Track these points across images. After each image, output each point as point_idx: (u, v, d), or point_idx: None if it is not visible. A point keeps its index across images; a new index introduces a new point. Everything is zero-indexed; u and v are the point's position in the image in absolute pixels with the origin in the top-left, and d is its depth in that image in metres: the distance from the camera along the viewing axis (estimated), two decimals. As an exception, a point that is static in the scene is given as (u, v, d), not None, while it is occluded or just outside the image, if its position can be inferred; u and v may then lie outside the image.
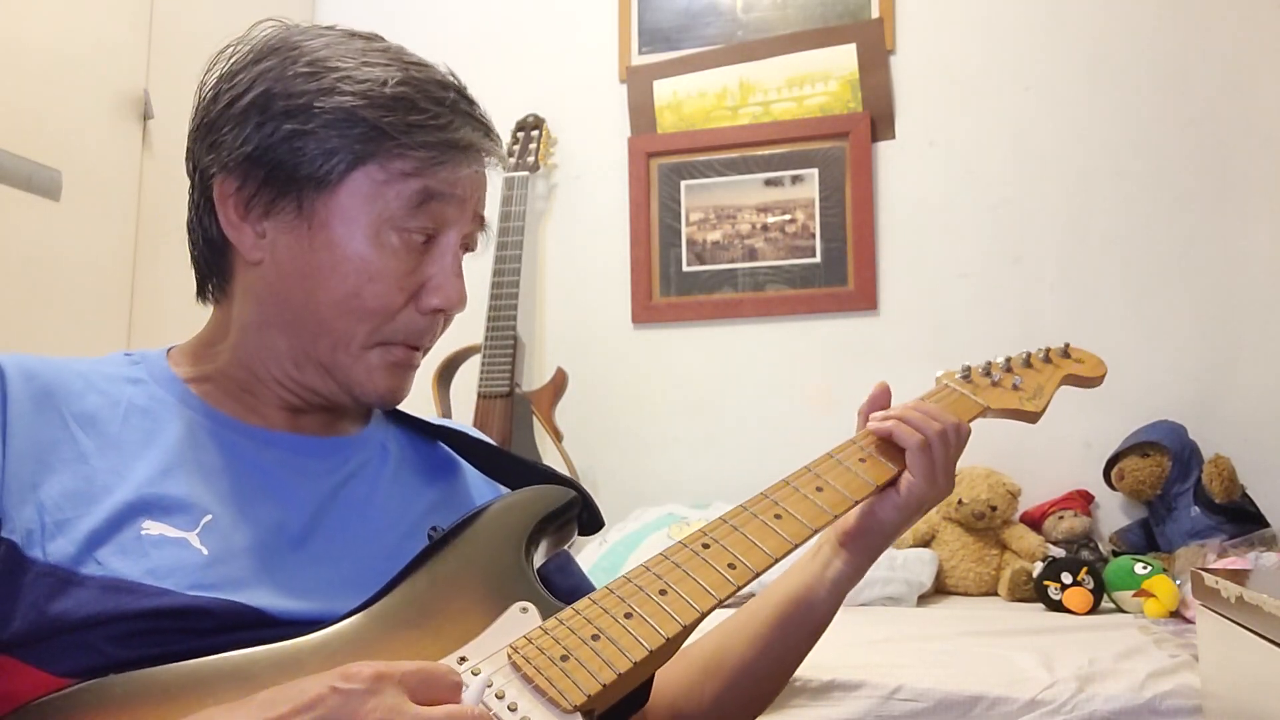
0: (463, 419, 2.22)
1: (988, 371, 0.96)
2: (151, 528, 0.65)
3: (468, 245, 0.81)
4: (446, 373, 2.41)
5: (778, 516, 0.77)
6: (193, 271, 0.80)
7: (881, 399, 0.89)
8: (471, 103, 0.78)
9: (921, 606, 1.87)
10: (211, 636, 0.62)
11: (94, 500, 0.65)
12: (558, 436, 2.28)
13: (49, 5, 1.85)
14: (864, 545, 0.85)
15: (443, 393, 2.40)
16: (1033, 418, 0.94)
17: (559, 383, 2.35)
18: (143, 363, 0.77)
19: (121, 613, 0.61)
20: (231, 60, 0.76)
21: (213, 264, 0.78)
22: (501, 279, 2.31)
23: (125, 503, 0.66)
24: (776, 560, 0.74)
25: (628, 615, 0.66)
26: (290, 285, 0.75)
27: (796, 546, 0.75)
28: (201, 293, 0.81)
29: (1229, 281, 2.12)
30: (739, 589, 0.70)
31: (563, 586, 0.81)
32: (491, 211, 2.72)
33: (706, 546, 0.73)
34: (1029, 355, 0.99)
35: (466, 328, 2.38)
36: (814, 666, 1.28)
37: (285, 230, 0.74)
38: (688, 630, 0.67)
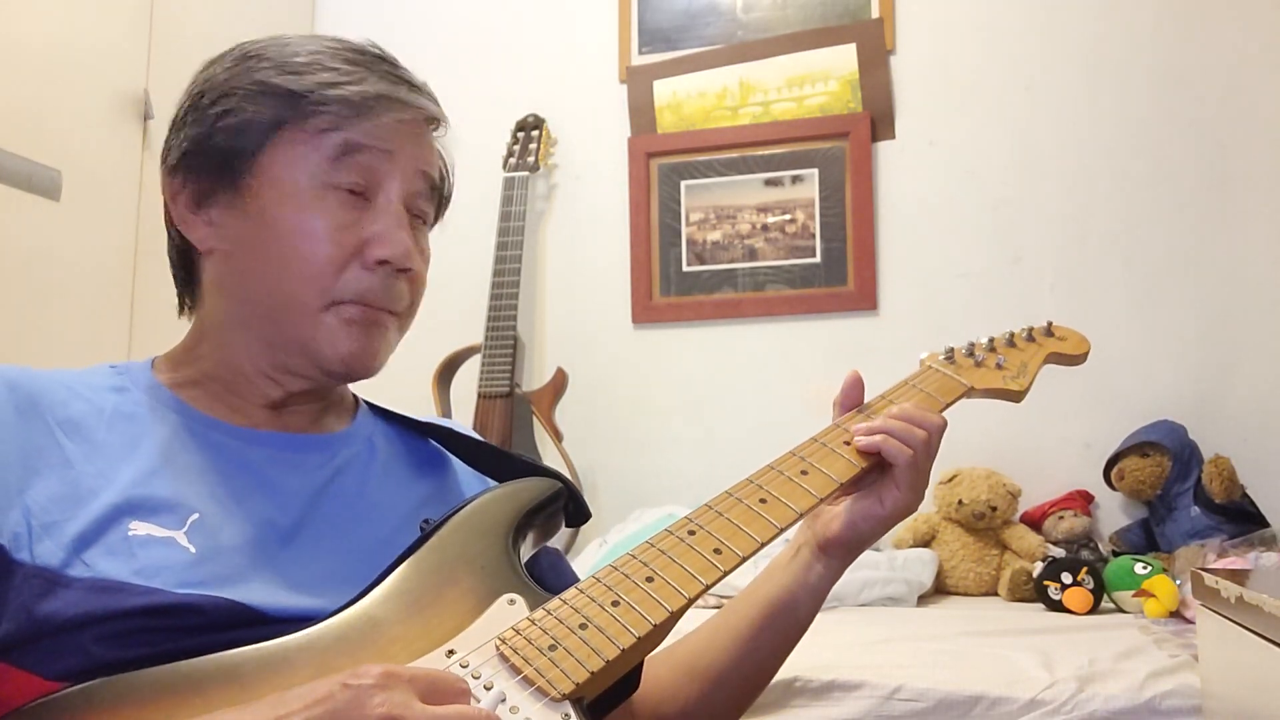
0: (463, 419, 2.22)
1: (971, 352, 0.95)
2: (138, 528, 0.66)
3: (418, 213, 0.80)
4: (446, 373, 2.41)
5: (763, 501, 0.76)
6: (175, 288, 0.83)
7: (854, 392, 0.89)
8: (392, 63, 0.78)
9: (921, 606, 1.87)
10: (202, 634, 0.62)
11: (80, 503, 0.65)
12: (558, 436, 2.28)
13: (49, 5, 1.85)
14: (844, 553, 0.85)
15: (443, 393, 2.40)
16: (1017, 397, 0.93)
17: (559, 383, 2.35)
18: (126, 373, 0.77)
19: (109, 612, 0.61)
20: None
21: (183, 270, 0.81)
22: (501, 279, 2.31)
23: (111, 505, 0.66)
24: (763, 545, 0.73)
25: (615, 603, 0.66)
26: (243, 263, 0.76)
27: (782, 530, 0.75)
28: (181, 307, 0.83)
29: (1229, 281, 2.11)
30: (725, 574, 0.70)
31: (555, 586, 0.82)
32: (492, 211, 2.72)
33: (692, 533, 0.73)
34: (1012, 335, 0.98)
35: (466, 328, 2.38)
36: (814, 666, 1.28)
37: (229, 212, 0.76)
38: (675, 616, 0.67)
